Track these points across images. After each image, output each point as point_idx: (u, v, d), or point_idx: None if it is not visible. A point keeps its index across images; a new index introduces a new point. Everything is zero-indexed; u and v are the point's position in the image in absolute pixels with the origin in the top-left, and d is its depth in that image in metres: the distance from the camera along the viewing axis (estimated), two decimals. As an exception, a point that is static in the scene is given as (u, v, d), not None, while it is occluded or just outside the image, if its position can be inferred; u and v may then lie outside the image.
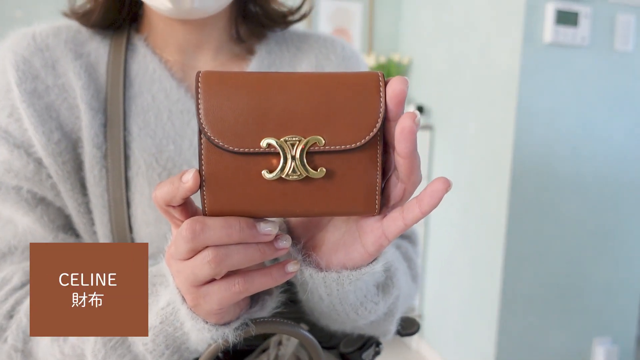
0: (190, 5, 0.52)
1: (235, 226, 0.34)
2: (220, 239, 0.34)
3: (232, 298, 0.36)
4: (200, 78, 0.34)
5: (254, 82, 0.34)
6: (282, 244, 0.37)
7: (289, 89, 0.34)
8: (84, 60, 0.56)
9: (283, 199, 0.34)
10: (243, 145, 0.33)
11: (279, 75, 0.34)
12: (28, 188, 0.53)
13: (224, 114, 0.33)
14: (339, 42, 0.67)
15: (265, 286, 0.37)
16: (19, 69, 0.53)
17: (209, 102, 0.33)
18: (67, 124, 0.54)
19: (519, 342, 1.87)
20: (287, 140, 0.33)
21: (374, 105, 0.33)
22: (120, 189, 0.54)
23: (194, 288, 0.36)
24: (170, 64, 0.60)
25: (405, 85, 0.33)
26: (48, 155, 0.52)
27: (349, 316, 0.46)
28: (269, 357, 0.53)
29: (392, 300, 0.49)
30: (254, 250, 0.35)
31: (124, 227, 0.54)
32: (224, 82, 0.34)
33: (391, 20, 2.54)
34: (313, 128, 0.33)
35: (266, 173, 0.33)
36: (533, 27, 1.69)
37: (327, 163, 0.34)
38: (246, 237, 0.34)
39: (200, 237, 0.33)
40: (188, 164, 0.56)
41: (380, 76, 0.34)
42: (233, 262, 0.35)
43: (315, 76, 0.34)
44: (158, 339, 0.43)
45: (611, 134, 1.84)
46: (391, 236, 0.37)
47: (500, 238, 1.81)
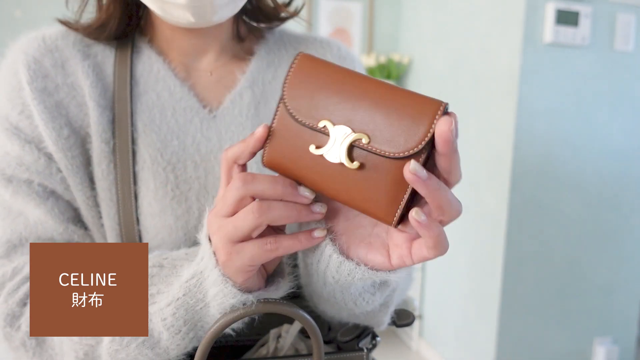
0: (210, 18, 0.55)
1: (280, 182, 0.40)
2: (266, 190, 0.39)
3: (263, 256, 0.40)
4: (298, 57, 0.41)
5: (338, 74, 0.40)
6: (318, 208, 0.41)
7: (361, 89, 0.39)
8: (91, 61, 0.59)
9: (321, 175, 0.39)
10: (307, 119, 0.40)
11: (359, 76, 0.40)
12: (39, 181, 0.55)
13: (303, 90, 0.40)
14: (335, 43, 0.70)
15: (292, 249, 0.41)
16: (30, 68, 0.56)
17: (296, 78, 0.41)
18: (76, 121, 0.57)
19: (519, 342, 1.87)
20: (340, 129, 0.38)
21: (421, 131, 0.36)
22: (129, 183, 0.56)
23: (230, 244, 0.40)
24: (173, 65, 0.62)
25: (449, 125, 0.35)
26: (58, 150, 0.55)
27: (347, 305, 0.48)
28: (268, 349, 0.55)
29: (389, 293, 0.51)
30: (292, 208, 0.40)
31: (132, 219, 0.56)
32: (315, 66, 0.41)
33: (391, 20, 2.54)
34: (365, 127, 0.38)
35: (314, 148, 0.39)
36: (533, 27, 1.69)
37: (363, 159, 0.38)
38: (288, 195, 0.40)
39: (249, 185, 0.39)
40: (191, 158, 0.58)
41: (441, 106, 0.36)
42: (274, 215, 0.39)
43: (388, 87, 0.39)
44: (179, 313, 0.45)
45: (611, 134, 1.84)
46: (416, 259, 0.40)
47: (500, 238, 1.81)
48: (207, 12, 0.53)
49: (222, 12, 0.55)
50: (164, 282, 0.48)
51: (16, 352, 0.51)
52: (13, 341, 0.51)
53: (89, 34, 0.59)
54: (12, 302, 0.51)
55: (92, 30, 0.58)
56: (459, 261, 2.07)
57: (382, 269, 0.42)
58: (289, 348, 0.54)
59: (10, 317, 0.51)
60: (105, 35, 0.59)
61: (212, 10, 0.53)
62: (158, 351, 0.47)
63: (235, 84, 0.63)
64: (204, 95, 0.62)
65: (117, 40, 0.61)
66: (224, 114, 0.61)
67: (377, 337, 0.58)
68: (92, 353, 0.49)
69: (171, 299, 0.45)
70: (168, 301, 0.45)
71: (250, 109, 0.61)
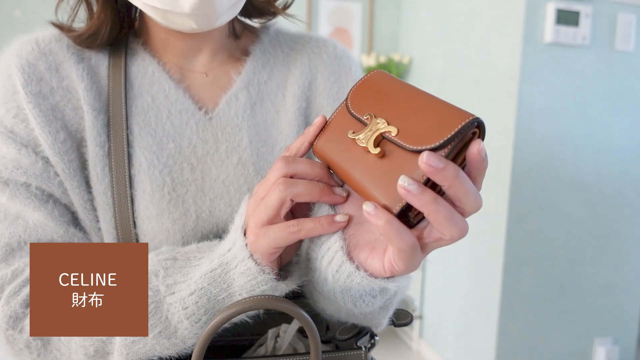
0: (213, 24, 0.55)
1: (317, 165, 0.45)
2: (305, 170, 0.44)
3: (287, 238, 0.43)
4: (373, 72, 0.48)
5: (396, 84, 0.45)
6: (339, 191, 0.45)
7: (406, 93, 0.43)
8: (85, 64, 0.59)
9: (350, 156, 0.43)
10: (358, 112, 0.45)
11: (409, 86, 0.45)
12: (37, 185, 0.54)
13: (365, 94, 0.46)
14: (331, 42, 0.69)
15: (314, 232, 0.43)
16: (24, 71, 0.55)
17: (362, 90, 0.47)
18: (72, 124, 0.56)
19: (519, 342, 1.87)
20: (377, 120, 0.42)
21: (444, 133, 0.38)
22: (125, 186, 0.56)
23: (259, 226, 0.44)
24: (168, 67, 0.62)
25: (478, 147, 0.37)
26: (55, 154, 0.54)
27: (346, 305, 0.48)
28: (267, 348, 0.55)
29: (389, 296, 0.51)
30: (316, 186, 0.44)
31: (128, 223, 0.56)
32: (383, 79, 0.47)
33: (391, 20, 2.54)
34: (397, 123, 0.41)
35: (351, 132, 0.44)
36: (533, 27, 1.69)
37: (387, 149, 0.41)
38: (323, 177, 0.45)
39: (291, 164, 0.44)
40: (187, 161, 0.58)
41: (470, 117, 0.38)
42: (298, 190, 0.43)
43: (431, 96, 0.42)
44: (201, 301, 0.47)
45: (611, 134, 1.84)
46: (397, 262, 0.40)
47: (500, 238, 1.81)
48: (211, 19, 0.54)
49: (223, 17, 0.55)
50: (179, 272, 0.48)
51: (19, 354, 0.50)
52: (16, 344, 0.50)
53: (80, 43, 0.59)
54: (15, 304, 0.50)
55: (84, 39, 0.58)
56: (459, 261, 2.07)
57: (380, 276, 0.42)
58: (287, 347, 0.54)
59: (12, 320, 0.50)
60: (97, 43, 0.59)
61: (215, 17, 0.54)
62: (175, 341, 0.48)
63: (231, 85, 0.63)
64: (200, 97, 0.62)
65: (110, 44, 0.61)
66: (220, 116, 0.60)
67: (375, 336, 0.58)
68: (103, 349, 0.49)
69: (194, 288, 0.46)
70: (191, 290, 0.46)
71: (246, 110, 0.61)
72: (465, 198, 0.37)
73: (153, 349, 0.48)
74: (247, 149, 0.60)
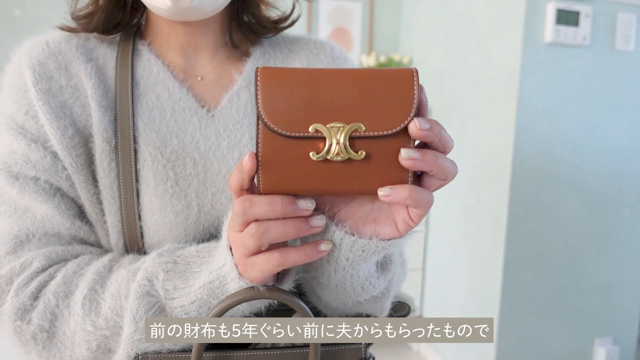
0: (189, 3, 0.56)
1: (277, 202, 0.40)
2: (266, 213, 0.40)
3: (272, 269, 0.42)
4: (259, 73, 0.39)
5: (304, 76, 0.39)
6: (317, 222, 0.42)
7: (334, 82, 0.39)
8: (93, 64, 0.62)
9: (327, 178, 0.39)
10: (294, 130, 0.38)
11: (326, 71, 0.39)
12: (45, 179, 0.57)
13: (278, 103, 0.39)
14: (328, 44, 0.72)
15: (299, 261, 0.42)
16: (34, 70, 0.58)
17: (267, 93, 0.39)
18: (80, 121, 0.59)
19: (519, 342, 1.86)
20: (332, 127, 0.38)
21: (408, 98, 0.39)
22: (131, 180, 0.58)
23: (244, 258, 0.43)
24: (172, 67, 0.65)
25: (421, 125, 0.39)
26: (63, 149, 0.57)
27: (355, 290, 0.49)
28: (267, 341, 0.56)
29: (390, 277, 0.53)
30: (291, 226, 0.41)
31: (134, 216, 0.58)
32: (279, 76, 0.39)
33: (391, 20, 2.54)
34: (355, 116, 0.38)
35: (313, 154, 0.39)
36: (533, 27, 1.69)
37: (366, 147, 0.39)
38: (287, 212, 0.40)
39: (249, 211, 0.40)
40: (190, 156, 0.61)
41: (414, 72, 0.39)
42: (272, 235, 0.40)
43: (358, 72, 0.39)
44: (202, 309, 0.48)
45: (611, 134, 1.83)
46: (416, 219, 0.42)
47: (500, 238, 1.81)
48: None
49: None
50: (179, 277, 0.50)
51: (25, 345, 0.53)
52: (23, 335, 0.52)
53: (78, 23, 0.62)
54: (24, 296, 0.52)
55: (80, 18, 0.62)
56: (459, 261, 2.07)
57: (392, 239, 0.44)
58: None
59: (21, 311, 0.52)
60: (92, 26, 0.62)
61: None
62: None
63: (233, 84, 0.65)
64: (202, 96, 0.64)
65: (118, 45, 0.64)
66: (222, 114, 0.63)
67: None
68: (105, 345, 0.51)
69: (194, 298, 0.48)
70: (191, 299, 0.48)
71: (247, 108, 0.64)
72: (447, 142, 0.41)
73: (161, 346, 0.51)
74: (248, 145, 0.62)
